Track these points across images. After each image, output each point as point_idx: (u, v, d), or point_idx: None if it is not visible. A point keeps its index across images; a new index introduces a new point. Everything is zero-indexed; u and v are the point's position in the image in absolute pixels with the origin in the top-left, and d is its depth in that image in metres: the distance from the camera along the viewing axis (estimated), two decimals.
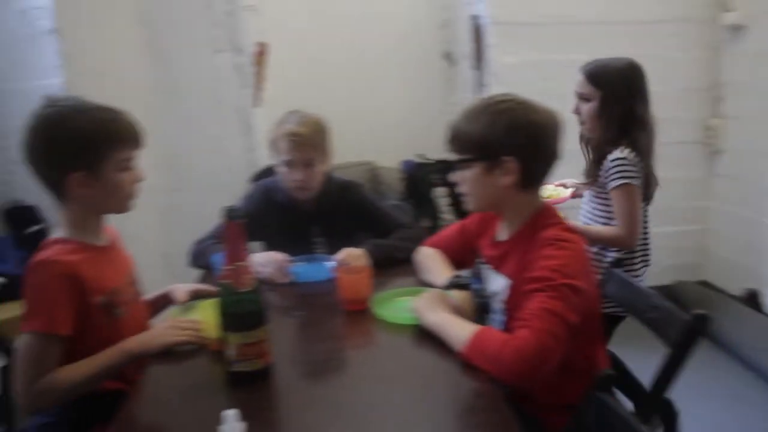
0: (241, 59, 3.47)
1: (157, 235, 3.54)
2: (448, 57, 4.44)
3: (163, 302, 1.83)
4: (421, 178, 4.20)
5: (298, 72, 4.12)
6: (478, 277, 1.71)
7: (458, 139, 1.54)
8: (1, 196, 3.56)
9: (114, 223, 1.69)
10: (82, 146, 1.43)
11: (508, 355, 1.26)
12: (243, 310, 1.28)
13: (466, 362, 1.33)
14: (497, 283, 1.61)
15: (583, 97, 2.17)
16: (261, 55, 3.54)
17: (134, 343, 1.45)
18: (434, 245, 1.93)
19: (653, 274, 2.31)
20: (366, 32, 4.35)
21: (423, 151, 4.30)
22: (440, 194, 4.17)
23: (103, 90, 2.94)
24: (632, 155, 2.07)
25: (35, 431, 1.48)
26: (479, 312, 1.65)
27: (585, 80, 2.16)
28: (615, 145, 2.09)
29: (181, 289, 1.80)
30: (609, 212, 2.16)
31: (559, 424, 1.50)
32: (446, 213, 4.10)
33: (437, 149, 4.36)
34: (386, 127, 4.44)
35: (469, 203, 1.61)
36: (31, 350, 1.36)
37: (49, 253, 1.44)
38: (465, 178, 1.56)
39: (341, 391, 1.31)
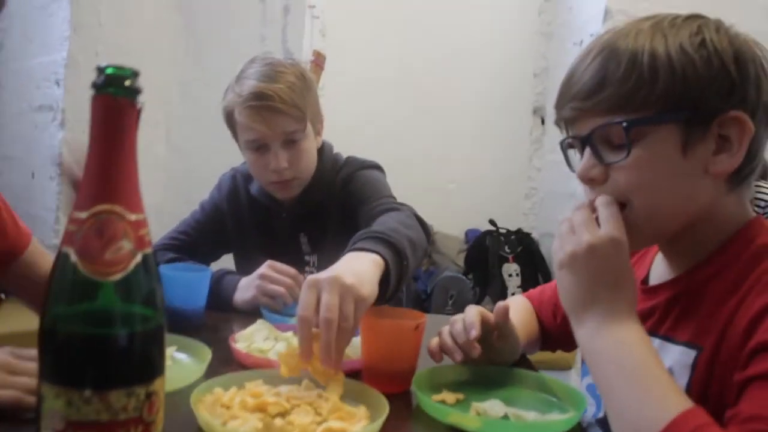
0: None
1: None
2: (539, 112, 3.71)
3: None
4: (489, 250, 3.42)
5: (354, 101, 3.45)
6: None
7: (614, 84, 0.78)
8: None
9: None
10: None
11: None
12: (95, 329, 0.49)
13: None
14: (664, 360, 0.81)
15: None
16: (316, 65, 2.88)
17: None
18: (529, 297, 1.24)
19: None
20: (444, 74, 3.66)
21: (495, 217, 3.53)
22: (511, 272, 3.36)
23: None
24: None
25: None
26: None
27: None
28: None
29: None
30: None
31: None
32: (517, 295, 3.27)
33: (511, 218, 3.63)
34: (454, 185, 3.71)
35: (631, 233, 0.79)
36: None
37: None
38: (628, 168, 0.80)
39: None
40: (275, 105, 1.30)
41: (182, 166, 2.84)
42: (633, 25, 0.81)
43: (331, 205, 1.44)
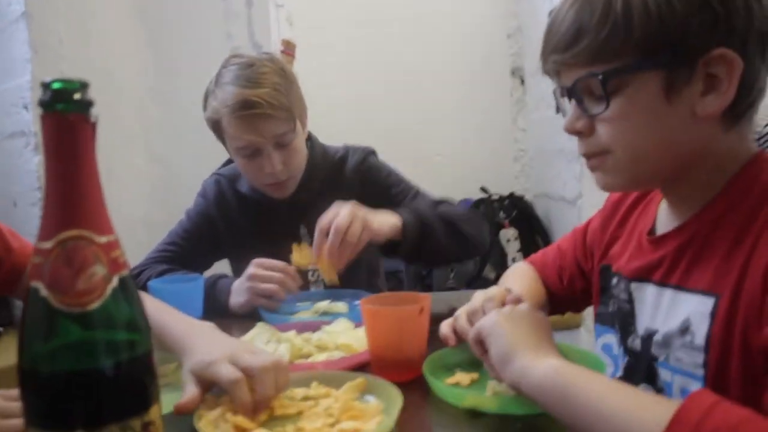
0: None
1: None
2: (518, 73, 3.66)
3: None
4: (485, 218, 3.39)
5: (331, 84, 3.40)
6: None
7: (590, 34, 0.75)
8: None
9: None
10: None
11: None
12: (77, 364, 0.46)
13: None
14: (680, 311, 0.80)
15: None
16: (286, 56, 2.82)
17: None
18: (532, 261, 1.19)
19: None
20: (416, 43, 3.60)
21: (486, 184, 3.50)
22: (509, 237, 3.33)
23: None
24: None
25: None
26: (628, 373, 0.87)
27: None
28: None
29: None
30: None
31: None
32: (518, 261, 3.25)
33: (503, 183, 3.60)
34: (440, 157, 3.67)
35: (615, 174, 0.82)
36: None
37: None
38: (609, 120, 0.77)
39: None
40: (264, 112, 1.27)
41: (165, 174, 2.80)
42: None
43: (338, 193, 1.41)
